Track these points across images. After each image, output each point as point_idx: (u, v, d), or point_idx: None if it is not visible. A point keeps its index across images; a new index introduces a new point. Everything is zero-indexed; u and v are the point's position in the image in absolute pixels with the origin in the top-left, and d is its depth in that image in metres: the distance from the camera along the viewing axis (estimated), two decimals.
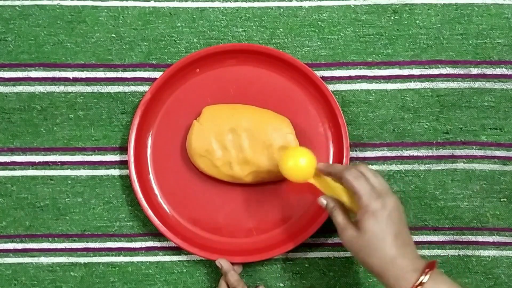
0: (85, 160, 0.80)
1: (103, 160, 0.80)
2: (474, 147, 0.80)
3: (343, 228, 0.66)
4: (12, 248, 0.79)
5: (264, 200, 0.78)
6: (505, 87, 0.80)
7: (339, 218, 0.67)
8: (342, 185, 0.68)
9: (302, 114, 0.79)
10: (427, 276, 0.60)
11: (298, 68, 0.78)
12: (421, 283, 0.59)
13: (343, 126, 0.77)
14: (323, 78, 0.80)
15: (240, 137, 0.75)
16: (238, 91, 0.79)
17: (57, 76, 0.80)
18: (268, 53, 0.78)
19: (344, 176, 0.66)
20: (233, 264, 0.76)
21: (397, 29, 0.81)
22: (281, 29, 0.81)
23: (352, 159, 0.79)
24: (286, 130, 0.76)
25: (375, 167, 0.80)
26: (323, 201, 0.69)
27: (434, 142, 0.80)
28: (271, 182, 0.77)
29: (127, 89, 0.80)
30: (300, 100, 0.79)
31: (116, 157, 0.80)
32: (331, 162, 0.78)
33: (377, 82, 0.81)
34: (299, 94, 0.79)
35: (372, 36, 0.81)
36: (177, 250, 0.79)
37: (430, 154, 0.80)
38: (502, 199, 0.80)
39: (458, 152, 0.80)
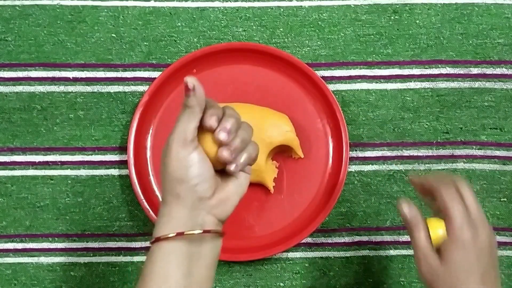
0: (85, 160, 0.80)
1: (103, 160, 0.80)
2: (474, 147, 0.80)
3: (425, 254, 0.56)
4: (12, 248, 0.79)
5: (264, 198, 0.78)
6: (505, 87, 0.80)
7: (422, 240, 0.56)
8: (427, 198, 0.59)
9: (300, 110, 0.79)
10: None
11: (294, 64, 0.78)
12: None
13: (341, 121, 0.77)
14: (323, 78, 0.80)
15: None
16: (235, 90, 0.79)
17: (57, 76, 0.80)
18: (262, 50, 0.78)
19: (440, 191, 0.57)
20: (236, 262, 0.75)
21: (397, 29, 0.81)
22: (281, 29, 0.81)
23: (352, 159, 0.79)
24: (285, 127, 0.76)
25: (375, 167, 0.80)
26: (405, 209, 0.58)
27: (434, 142, 0.80)
28: None
29: (127, 89, 0.80)
30: (297, 96, 0.79)
31: (116, 157, 0.80)
32: (330, 157, 0.78)
33: (377, 82, 0.81)
34: (296, 90, 0.79)
35: (372, 36, 0.81)
36: None
37: (430, 154, 0.80)
38: (502, 199, 0.80)
39: (458, 152, 0.80)
